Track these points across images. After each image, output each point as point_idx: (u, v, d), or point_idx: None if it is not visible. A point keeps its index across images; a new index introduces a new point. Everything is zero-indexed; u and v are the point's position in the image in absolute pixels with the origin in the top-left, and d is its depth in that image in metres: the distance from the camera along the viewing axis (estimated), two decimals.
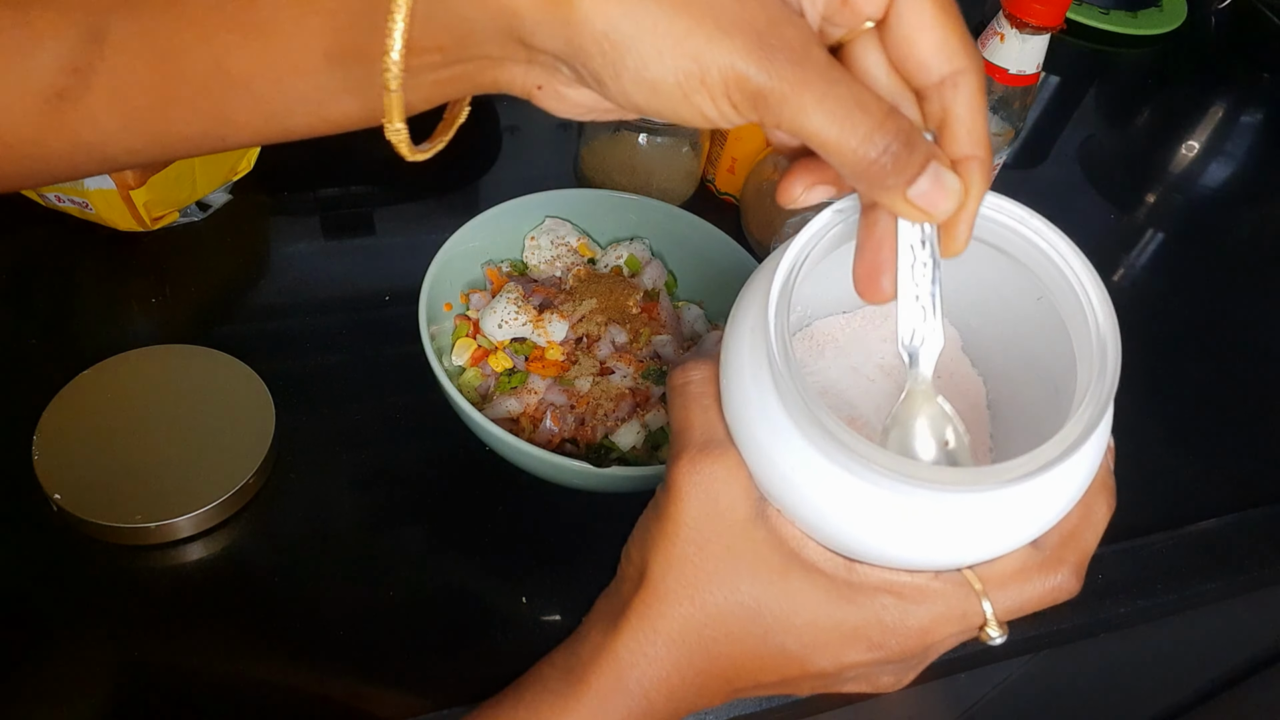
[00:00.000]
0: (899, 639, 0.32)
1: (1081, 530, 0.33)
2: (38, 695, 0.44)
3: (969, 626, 0.32)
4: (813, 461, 0.29)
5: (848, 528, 0.30)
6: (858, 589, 0.32)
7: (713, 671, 0.33)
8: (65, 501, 0.47)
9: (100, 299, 0.60)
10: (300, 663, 0.46)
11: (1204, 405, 0.70)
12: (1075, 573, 0.32)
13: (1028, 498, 0.30)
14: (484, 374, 0.55)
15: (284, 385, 0.53)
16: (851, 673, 0.33)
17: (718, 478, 0.32)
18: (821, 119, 0.26)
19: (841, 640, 0.32)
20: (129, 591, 0.47)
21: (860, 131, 0.26)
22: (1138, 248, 0.82)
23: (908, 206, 0.27)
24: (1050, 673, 0.78)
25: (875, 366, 0.39)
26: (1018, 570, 0.32)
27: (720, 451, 0.32)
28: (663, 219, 0.61)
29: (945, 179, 0.27)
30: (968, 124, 0.28)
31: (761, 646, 0.32)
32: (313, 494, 0.52)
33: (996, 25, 0.64)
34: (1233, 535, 0.61)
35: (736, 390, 0.32)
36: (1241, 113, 1.03)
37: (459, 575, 0.51)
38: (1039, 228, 0.32)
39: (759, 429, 0.31)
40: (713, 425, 0.33)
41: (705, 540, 0.32)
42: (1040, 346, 0.35)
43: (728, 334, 0.33)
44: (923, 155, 0.27)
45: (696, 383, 0.34)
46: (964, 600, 0.32)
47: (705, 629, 0.32)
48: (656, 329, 0.57)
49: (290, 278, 0.63)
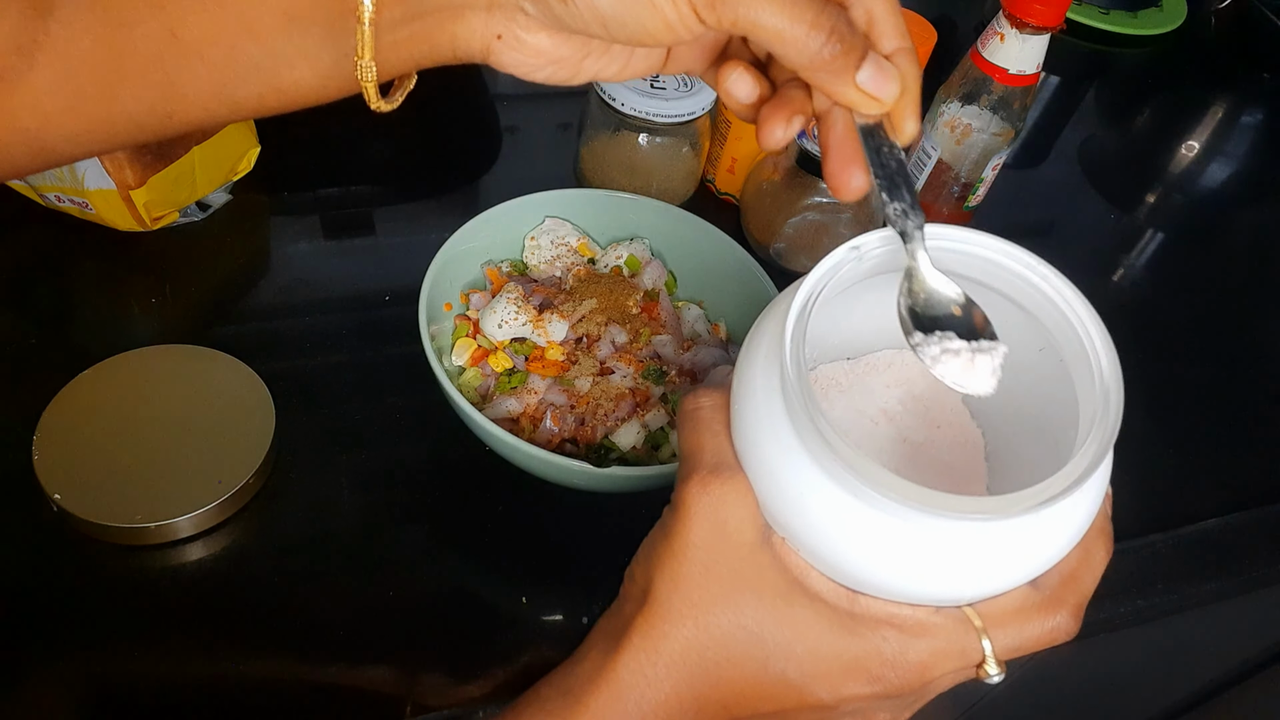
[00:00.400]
0: (898, 673, 0.32)
1: (1081, 573, 0.33)
2: (38, 695, 0.44)
3: (967, 664, 0.32)
4: (821, 486, 0.30)
5: (852, 555, 0.30)
6: (860, 620, 0.32)
7: (712, 697, 0.33)
8: (65, 501, 0.47)
9: (100, 299, 0.60)
10: (300, 663, 0.46)
11: (1203, 405, 0.70)
12: (1074, 615, 0.33)
13: (1030, 533, 0.30)
14: (484, 374, 0.55)
15: (284, 385, 0.54)
16: (849, 706, 0.33)
17: (727, 500, 0.32)
18: (772, 10, 0.28)
19: (842, 671, 0.32)
20: (129, 591, 0.47)
21: (807, 18, 0.28)
22: (1138, 248, 0.82)
23: (859, 94, 0.30)
24: (1050, 673, 0.78)
25: (878, 410, 0.39)
26: (1017, 609, 0.32)
27: (730, 474, 0.32)
28: (663, 219, 0.61)
29: (885, 65, 0.30)
30: (890, 21, 0.31)
31: (762, 673, 0.32)
32: (313, 494, 0.52)
33: (996, 25, 0.64)
34: (1233, 535, 0.61)
35: (749, 415, 0.32)
36: (1241, 113, 1.03)
37: (459, 575, 0.51)
38: (1044, 273, 0.32)
39: (769, 454, 0.31)
40: (723, 449, 0.33)
41: (712, 561, 0.32)
42: (1040, 400, 0.35)
43: (741, 362, 0.33)
44: (861, 43, 0.30)
45: (707, 409, 0.34)
46: (964, 636, 0.32)
47: (708, 652, 0.32)
48: (656, 329, 0.57)
49: (290, 278, 0.63)
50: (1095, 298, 0.32)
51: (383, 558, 0.50)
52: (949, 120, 0.68)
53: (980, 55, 0.66)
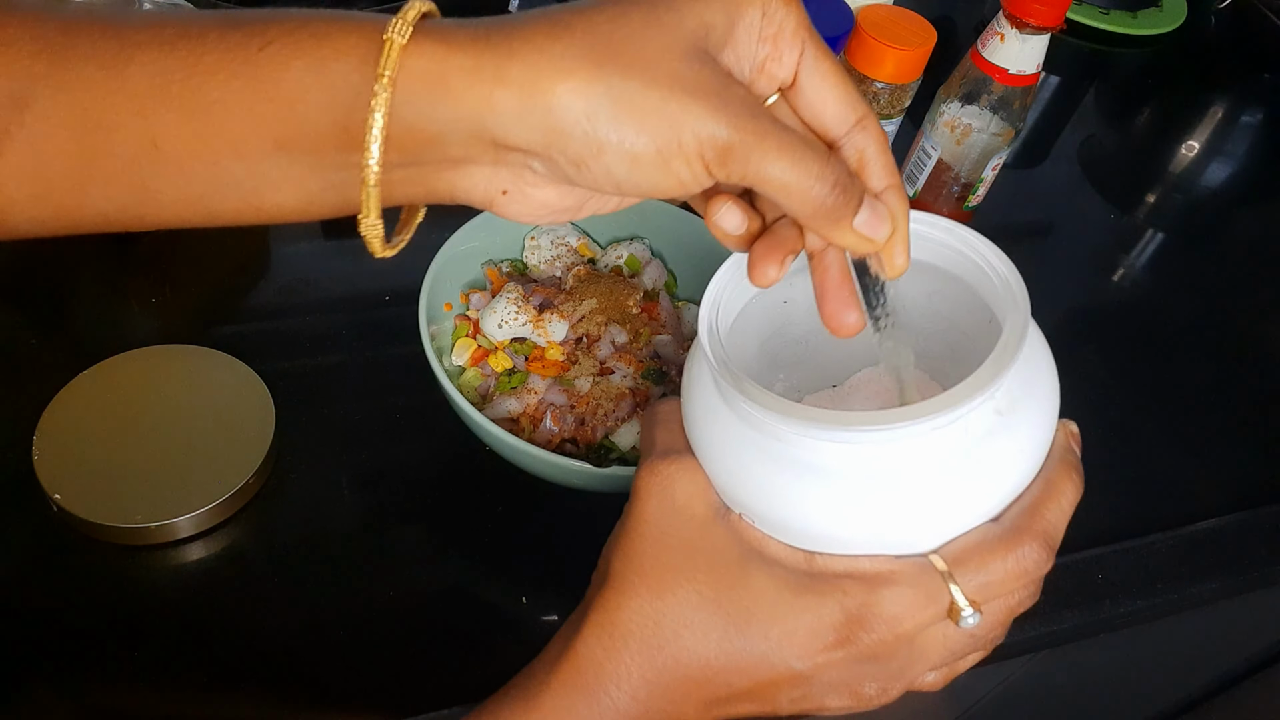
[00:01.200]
0: (868, 630, 0.31)
1: (1044, 502, 0.32)
2: (37, 695, 0.44)
3: (938, 610, 0.31)
4: (753, 442, 0.32)
5: (798, 509, 0.31)
6: (818, 578, 0.32)
7: (677, 672, 0.32)
8: (65, 501, 0.47)
9: (100, 299, 0.60)
10: (300, 663, 0.46)
11: (1204, 405, 0.70)
12: (1044, 545, 0.32)
13: (977, 460, 0.30)
14: (484, 374, 0.55)
15: (284, 385, 0.54)
16: (828, 676, 0.32)
17: (676, 479, 0.34)
18: (782, 164, 0.28)
19: (807, 632, 0.31)
20: (129, 591, 0.47)
21: (814, 170, 0.29)
22: (1138, 248, 0.82)
23: (856, 237, 0.30)
24: (1050, 673, 0.78)
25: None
26: (978, 544, 0.31)
27: (678, 457, 0.34)
28: (663, 219, 0.61)
29: (879, 207, 0.31)
30: (880, 160, 0.31)
31: (726, 643, 0.32)
32: (313, 494, 0.52)
33: (996, 25, 0.64)
34: (1233, 535, 0.61)
35: (693, 402, 0.35)
36: (1241, 113, 1.03)
37: (459, 575, 0.51)
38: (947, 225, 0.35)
39: (710, 430, 0.34)
40: (674, 438, 0.35)
41: (663, 535, 0.33)
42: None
43: (687, 361, 0.36)
44: (859, 190, 0.30)
45: (663, 409, 0.37)
46: (929, 581, 0.31)
47: (664, 622, 0.32)
48: (656, 329, 0.57)
49: (290, 278, 0.63)
50: (1095, 298, 0.32)
51: (382, 558, 0.50)
52: (949, 120, 0.69)
53: (980, 55, 0.66)
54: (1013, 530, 0.32)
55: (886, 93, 0.69)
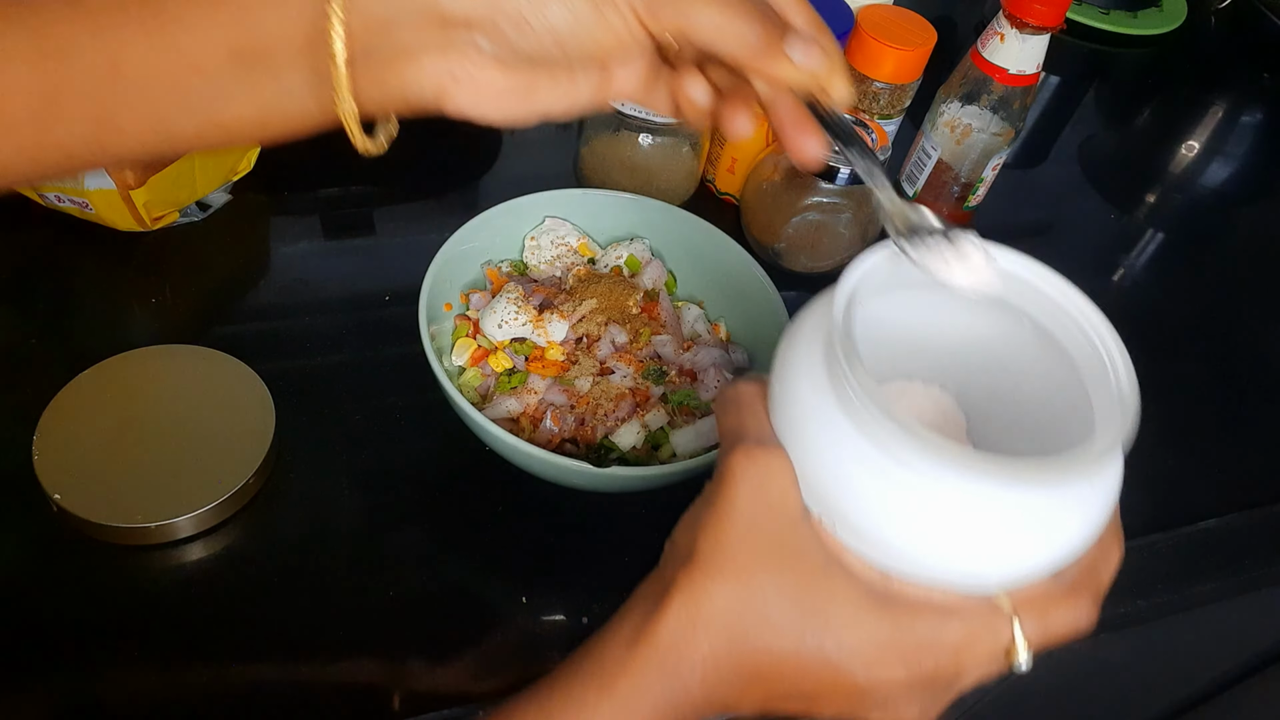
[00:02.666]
0: (933, 655, 0.32)
1: (1099, 564, 0.34)
2: (37, 695, 0.44)
3: (998, 647, 0.32)
4: (864, 455, 0.31)
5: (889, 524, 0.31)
6: (894, 600, 0.32)
7: (749, 663, 0.32)
8: (65, 501, 0.47)
9: (100, 299, 0.60)
10: (300, 662, 0.46)
11: (1203, 405, 0.70)
12: (1095, 603, 0.33)
13: (1059, 512, 0.31)
14: (484, 374, 0.55)
15: (284, 385, 0.54)
16: (880, 693, 0.33)
17: (772, 470, 0.33)
18: (710, 8, 0.31)
19: (877, 649, 0.32)
20: (129, 591, 0.47)
21: (740, 11, 0.31)
22: (1138, 248, 0.82)
23: (794, 69, 0.33)
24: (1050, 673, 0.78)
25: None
26: (1044, 595, 0.32)
27: (774, 448, 0.33)
28: (663, 219, 0.61)
29: (807, 37, 0.33)
30: (794, 6, 0.35)
31: (799, 644, 0.32)
32: (313, 494, 0.52)
33: (996, 25, 0.64)
34: (1233, 535, 0.61)
35: (792, 394, 0.33)
36: (1241, 113, 1.03)
37: (459, 575, 0.51)
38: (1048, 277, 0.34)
39: (812, 428, 0.32)
40: (765, 427, 0.34)
41: (755, 526, 0.32)
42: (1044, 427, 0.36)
43: (784, 349, 0.35)
44: (782, 22, 0.33)
45: (748, 394, 0.36)
46: (994, 618, 0.32)
47: (748, 613, 0.32)
48: (656, 329, 0.57)
49: (290, 278, 0.63)
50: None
51: (382, 558, 0.50)
52: (949, 120, 0.69)
53: (980, 55, 0.66)
54: (1073, 587, 0.33)
55: (886, 93, 0.69)
